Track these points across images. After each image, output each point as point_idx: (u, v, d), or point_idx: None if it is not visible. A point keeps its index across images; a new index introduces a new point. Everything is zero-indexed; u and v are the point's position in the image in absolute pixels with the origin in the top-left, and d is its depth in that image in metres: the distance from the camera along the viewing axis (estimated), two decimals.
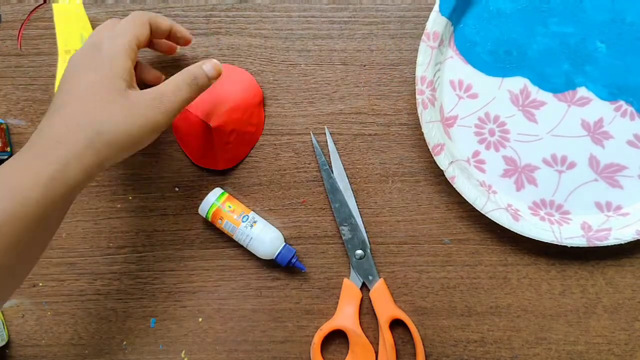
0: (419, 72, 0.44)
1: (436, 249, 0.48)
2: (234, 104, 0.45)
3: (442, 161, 0.44)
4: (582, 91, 0.45)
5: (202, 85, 0.39)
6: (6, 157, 0.47)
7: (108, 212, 0.48)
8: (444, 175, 0.45)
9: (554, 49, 0.45)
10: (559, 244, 0.44)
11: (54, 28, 0.47)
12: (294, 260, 0.46)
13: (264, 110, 0.48)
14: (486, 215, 0.45)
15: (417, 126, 0.47)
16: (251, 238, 0.46)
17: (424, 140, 0.45)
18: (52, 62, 0.48)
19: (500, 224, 0.45)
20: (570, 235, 0.45)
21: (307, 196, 0.48)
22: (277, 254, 0.46)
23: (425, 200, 0.48)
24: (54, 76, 0.48)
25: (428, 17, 0.44)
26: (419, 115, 0.44)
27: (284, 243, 0.47)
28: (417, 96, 0.44)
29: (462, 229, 0.48)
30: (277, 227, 0.47)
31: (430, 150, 0.44)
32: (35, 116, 0.48)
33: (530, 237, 0.45)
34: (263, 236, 0.46)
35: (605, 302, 0.47)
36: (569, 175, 0.46)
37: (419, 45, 0.44)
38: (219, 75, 0.40)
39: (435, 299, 0.48)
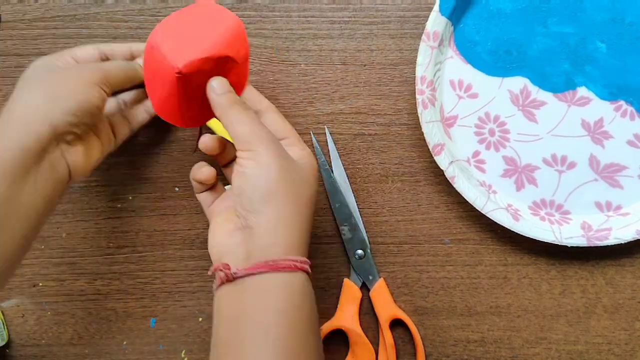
0: (419, 72, 0.44)
1: (436, 248, 0.47)
2: (210, 53, 0.35)
3: (442, 161, 0.44)
4: (582, 91, 0.45)
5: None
6: None
7: (108, 212, 0.48)
8: (444, 175, 0.45)
9: (554, 49, 0.45)
10: (559, 243, 0.44)
11: (54, 28, 0.47)
12: None
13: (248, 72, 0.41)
14: (486, 215, 0.45)
15: (417, 126, 0.46)
16: None
17: (424, 140, 0.45)
18: None
19: (500, 223, 0.45)
20: (570, 235, 0.44)
21: None
22: None
23: (425, 200, 0.47)
24: None
25: (428, 17, 0.44)
26: (419, 115, 0.44)
27: None
28: (417, 96, 0.44)
29: (462, 229, 0.47)
30: None
31: (431, 150, 0.44)
32: None
33: (530, 237, 0.44)
34: None
35: (605, 302, 0.47)
36: (569, 175, 0.45)
37: (419, 45, 0.44)
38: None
39: (435, 298, 0.47)
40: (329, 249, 0.48)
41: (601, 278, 0.47)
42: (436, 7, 0.43)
